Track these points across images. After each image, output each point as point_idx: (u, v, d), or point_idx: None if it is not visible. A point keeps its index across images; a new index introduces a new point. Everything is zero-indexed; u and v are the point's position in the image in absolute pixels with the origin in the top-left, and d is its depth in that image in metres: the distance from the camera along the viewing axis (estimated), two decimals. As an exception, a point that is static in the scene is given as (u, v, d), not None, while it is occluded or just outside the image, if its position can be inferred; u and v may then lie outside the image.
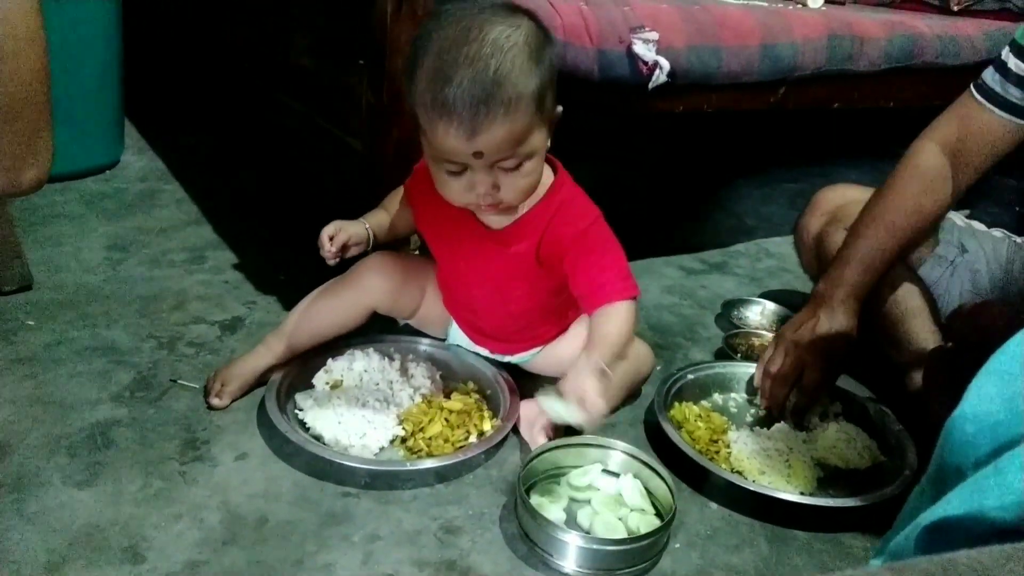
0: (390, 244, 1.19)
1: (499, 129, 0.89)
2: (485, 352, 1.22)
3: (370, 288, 1.15)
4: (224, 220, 1.74)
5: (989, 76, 1.14)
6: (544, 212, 1.03)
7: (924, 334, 1.24)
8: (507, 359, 1.22)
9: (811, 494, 1.04)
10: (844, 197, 1.39)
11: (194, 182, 1.95)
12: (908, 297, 1.26)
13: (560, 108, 0.98)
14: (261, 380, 1.13)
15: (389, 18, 1.15)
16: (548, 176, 1.05)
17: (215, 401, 1.09)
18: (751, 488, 1.01)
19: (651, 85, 1.35)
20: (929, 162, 1.17)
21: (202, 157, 2.18)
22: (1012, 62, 1.11)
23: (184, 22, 2.33)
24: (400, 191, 1.17)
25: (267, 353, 1.14)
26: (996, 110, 1.13)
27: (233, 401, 1.11)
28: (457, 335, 1.23)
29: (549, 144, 0.99)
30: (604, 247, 1.03)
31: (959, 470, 0.54)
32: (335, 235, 1.09)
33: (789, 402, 1.16)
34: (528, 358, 1.21)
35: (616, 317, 1.00)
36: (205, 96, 2.59)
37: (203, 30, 2.18)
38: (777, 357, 1.16)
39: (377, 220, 1.15)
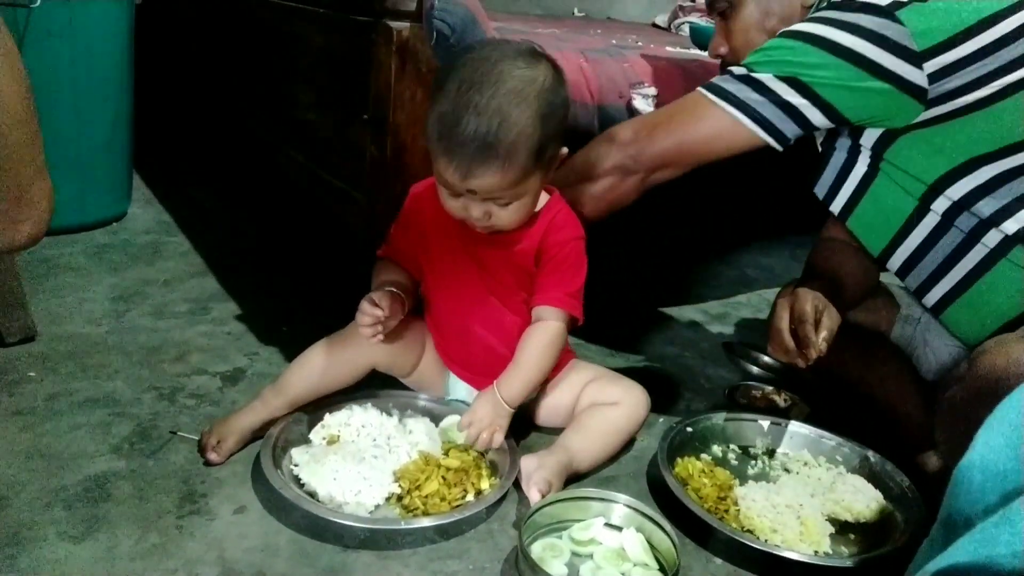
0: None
1: (492, 177, 0.98)
2: None
3: (370, 346, 1.14)
4: (228, 272, 1.75)
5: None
6: (544, 218, 1.11)
7: (915, 409, 1.23)
8: None
9: (824, 552, 1.02)
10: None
11: (199, 234, 1.97)
12: (891, 372, 1.28)
13: (565, 149, 1.08)
14: (258, 435, 1.12)
15: (393, 75, 1.17)
16: (544, 196, 1.13)
17: (212, 456, 1.08)
18: (759, 548, 0.99)
19: (650, 139, 1.37)
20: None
21: (207, 210, 2.21)
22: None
23: (191, 78, 2.39)
24: (380, 264, 1.20)
25: (263, 409, 1.13)
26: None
27: (230, 456, 1.10)
28: (456, 387, 1.23)
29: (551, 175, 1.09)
30: (576, 266, 1.13)
31: (967, 519, 0.54)
32: (377, 301, 1.09)
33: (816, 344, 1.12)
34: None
35: (544, 333, 1.12)
36: (211, 150, 2.63)
37: (210, 85, 2.23)
38: (785, 311, 1.13)
39: (387, 285, 1.15)
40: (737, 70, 1.11)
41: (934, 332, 1.28)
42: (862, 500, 1.10)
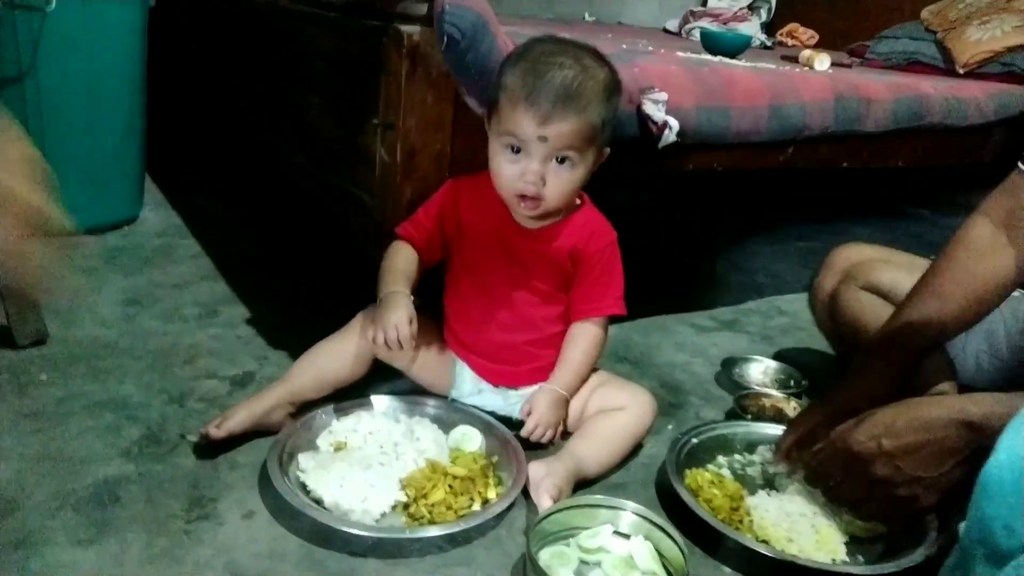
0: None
1: (567, 124, 1.04)
2: (490, 391, 1.24)
3: (368, 331, 1.16)
4: (238, 275, 1.75)
5: None
6: (577, 220, 1.18)
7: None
8: (511, 400, 1.23)
9: (842, 560, 1.01)
10: (858, 255, 1.39)
11: (210, 238, 1.97)
12: (929, 365, 1.24)
13: (608, 149, 1.14)
14: (262, 423, 1.13)
15: (404, 79, 1.17)
16: (576, 198, 1.19)
17: (212, 431, 1.09)
18: (781, 558, 0.98)
19: (661, 145, 1.37)
20: (978, 231, 1.09)
21: (218, 214, 2.22)
22: None
23: (203, 82, 2.40)
24: (395, 247, 1.21)
25: (268, 395, 1.15)
26: None
27: (230, 436, 1.10)
28: (462, 376, 1.24)
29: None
30: (614, 269, 1.20)
31: (1000, 518, 0.54)
32: (407, 323, 1.11)
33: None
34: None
35: (590, 333, 1.20)
36: (222, 154, 2.64)
37: (221, 90, 2.24)
38: (797, 433, 1.11)
39: (407, 284, 1.17)
40: None
41: (973, 337, 1.26)
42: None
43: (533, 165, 1.06)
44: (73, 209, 2.11)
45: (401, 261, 1.20)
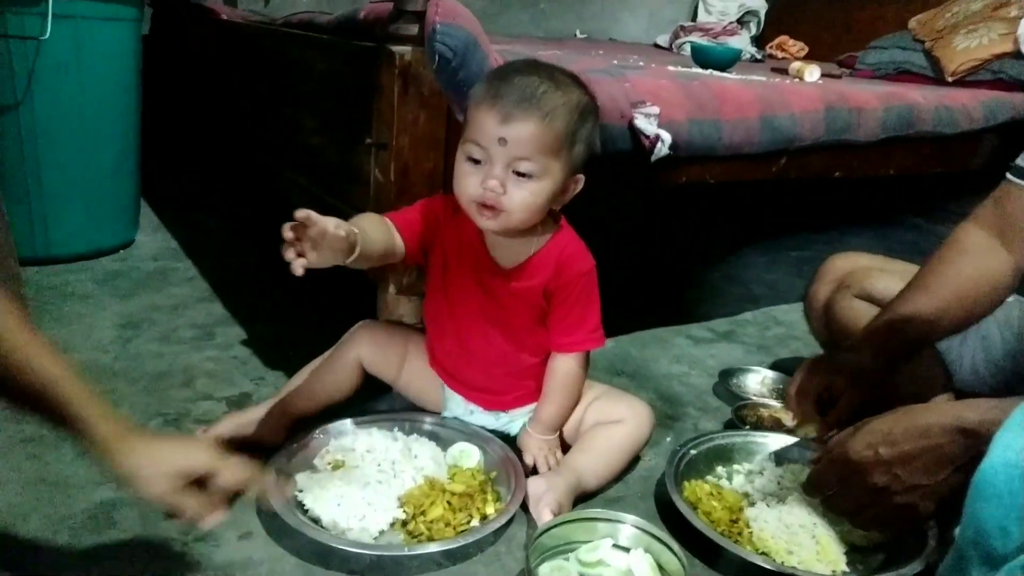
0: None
1: (528, 127, 0.99)
2: (481, 412, 1.23)
3: (355, 341, 1.20)
4: (234, 296, 1.76)
5: (1021, 158, 1.08)
6: (551, 253, 1.12)
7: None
8: (502, 420, 1.24)
9: (842, 571, 1.01)
10: (852, 264, 1.40)
11: (206, 260, 1.98)
12: (925, 370, 1.24)
13: (582, 176, 1.08)
14: (251, 435, 1.15)
15: (396, 98, 1.18)
16: (553, 225, 1.14)
17: (200, 435, 1.13)
18: (781, 571, 0.97)
19: (653, 158, 1.37)
20: (970, 236, 1.10)
21: (214, 235, 2.22)
22: None
23: (197, 104, 2.41)
24: (376, 217, 1.10)
25: (259, 407, 1.18)
26: None
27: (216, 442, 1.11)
28: (452, 399, 1.24)
29: (563, 201, 1.10)
30: (589, 299, 1.15)
31: (994, 520, 0.54)
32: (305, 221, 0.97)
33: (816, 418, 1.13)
34: (521, 416, 1.23)
35: (566, 370, 1.17)
36: (217, 176, 2.65)
37: (215, 112, 2.25)
38: (802, 376, 1.13)
39: (360, 228, 1.01)
40: None
41: (968, 345, 1.26)
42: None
43: (494, 170, 1.00)
44: (69, 235, 2.12)
45: (372, 218, 1.09)
